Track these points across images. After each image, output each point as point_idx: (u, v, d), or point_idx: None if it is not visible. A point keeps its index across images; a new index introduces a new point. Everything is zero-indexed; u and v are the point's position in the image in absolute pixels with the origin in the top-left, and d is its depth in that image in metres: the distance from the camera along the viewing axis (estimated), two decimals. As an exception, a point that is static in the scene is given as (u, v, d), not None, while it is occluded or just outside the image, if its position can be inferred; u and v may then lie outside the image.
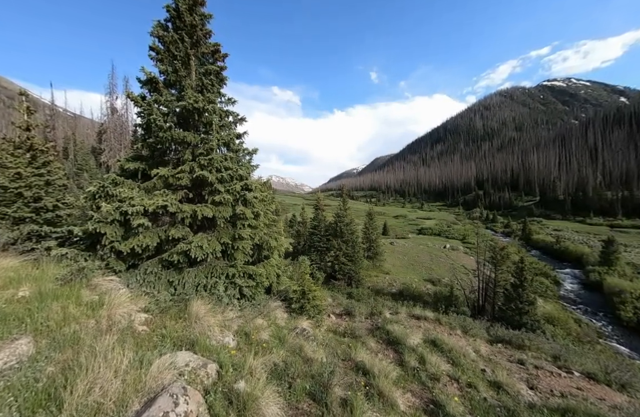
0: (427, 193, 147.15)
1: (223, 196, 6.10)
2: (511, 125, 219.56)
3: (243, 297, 5.84)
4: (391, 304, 8.92)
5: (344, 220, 20.46)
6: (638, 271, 23.64)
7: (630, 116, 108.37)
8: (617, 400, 4.84)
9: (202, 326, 3.98)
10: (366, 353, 4.73)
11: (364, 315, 7.40)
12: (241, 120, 8.03)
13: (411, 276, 22.69)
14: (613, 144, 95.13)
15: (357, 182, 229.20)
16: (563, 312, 16.47)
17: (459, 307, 14.70)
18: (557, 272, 25.85)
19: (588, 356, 7.34)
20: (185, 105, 6.34)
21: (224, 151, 7.50)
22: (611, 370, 5.95)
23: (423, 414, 3.41)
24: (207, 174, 6.04)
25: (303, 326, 5.38)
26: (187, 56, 7.11)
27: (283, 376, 3.30)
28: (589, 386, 5.39)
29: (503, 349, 6.64)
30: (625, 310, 16.60)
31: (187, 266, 5.62)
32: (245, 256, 6.33)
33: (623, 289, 18.60)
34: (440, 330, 6.98)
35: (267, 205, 7.69)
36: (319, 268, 19.24)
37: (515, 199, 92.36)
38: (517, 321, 11.64)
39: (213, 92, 7.43)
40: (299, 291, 6.32)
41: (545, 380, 5.19)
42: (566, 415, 3.81)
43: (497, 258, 14.59)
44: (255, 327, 4.55)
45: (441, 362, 4.87)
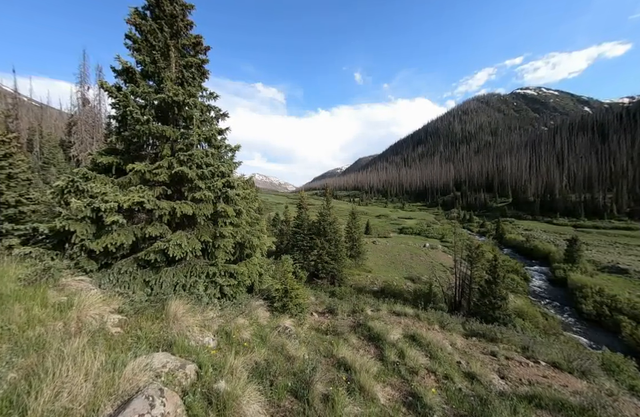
0: (408, 193, 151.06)
1: (203, 193, 5.93)
2: (487, 130, 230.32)
3: (224, 296, 5.71)
4: (373, 302, 9.09)
5: (327, 219, 20.57)
6: (598, 268, 25.65)
7: (592, 124, 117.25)
8: (578, 386, 5.22)
9: (180, 326, 3.85)
10: (348, 349, 4.79)
11: (346, 313, 7.48)
12: (223, 115, 7.84)
13: (392, 274, 23.23)
14: (577, 150, 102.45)
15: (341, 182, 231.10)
16: (532, 307, 17.54)
17: (437, 303, 15.25)
18: (527, 269, 27.48)
19: (553, 346, 7.86)
20: (164, 98, 6.09)
21: (205, 147, 7.29)
22: (573, 359, 6.41)
23: (402, 406, 3.52)
24: (186, 170, 5.85)
25: (285, 324, 5.35)
26: (167, 46, 6.83)
27: (265, 374, 3.27)
28: (553, 374, 5.77)
29: (477, 342, 6.97)
30: (586, 303, 17.98)
31: (164, 265, 5.42)
32: (227, 254, 6.20)
33: (585, 284, 20.13)
34: (419, 326, 7.20)
35: (249, 203, 7.57)
36: (302, 267, 19.22)
37: (490, 200, 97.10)
38: (491, 315, 12.26)
39: (194, 85, 7.20)
40: (281, 290, 6.28)
41: (514, 370, 5.50)
42: (532, 401, 4.07)
43: (473, 256, 15.27)
44: (236, 326, 4.47)
45: (419, 355, 5.04)
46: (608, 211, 61.19)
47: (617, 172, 76.71)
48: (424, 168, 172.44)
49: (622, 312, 16.11)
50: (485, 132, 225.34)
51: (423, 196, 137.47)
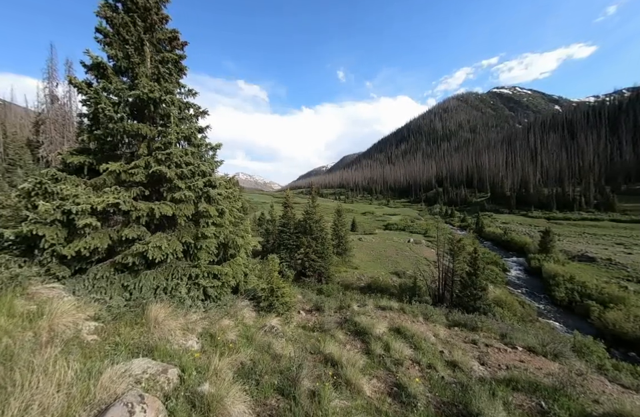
0: (392, 190, 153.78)
1: (183, 193, 5.76)
2: (466, 127, 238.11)
3: (208, 298, 5.60)
4: (359, 297, 9.23)
5: (313, 217, 20.57)
6: (569, 257, 27.27)
7: (562, 122, 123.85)
8: (551, 368, 5.56)
9: (162, 330, 3.75)
10: (334, 345, 4.85)
11: (333, 309, 7.56)
12: (203, 113, 7.64)
13: (378, 269, 23.64)
14: (549, 146, 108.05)
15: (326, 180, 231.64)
16: (510, 296, 18.41)
17: (421, 296, 15.68)
18: (505, 260, 28.80)
19: (529, 332, 8.31)
20: (138, 94, 5.85)
21: (184, 146, 7.08)
22: (547, 343, 6.82)
23: (388, 397, 3.61)
24: (165, 170, 5.66)
25: (271, 323, 5.33)
26: (140, 41, 6.54)
27: (251, 374, 3.26)
28: (529, 358, 6.11)
29: (459, 331, 7.26)
30: (559, 291, 19.09)
31: (144, 268, 5.23)
32: (210, 255, 6.07)
33: (557, 273, 21.36)
34: (404, 319, 7.40)
35: (232, 202, 7.43)
36: (289, 265, 19.16)
37: (470, 195, 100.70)
38: (472, 306, 12.76)
39: (171, 82, 6.95)
40: (267, 289, 6.23)
41: (493, 356, 5.78)
42: (510, 384, 4.30)
43: (455, 249, 15.81)
44: (221, 328, 4.40)
45: (404, 347, 5.18)
46: (577, 204, 65.06)
47: (584, 167, 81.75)
48: (407, 165, 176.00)
49: (591, 297, 17.24)
50: (464, 130, 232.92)
51: (407, 192, 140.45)
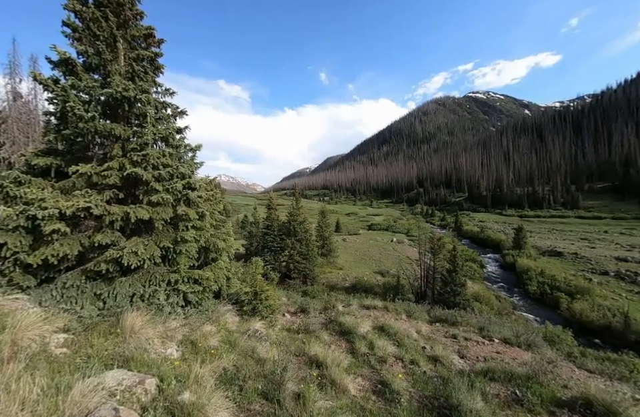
0: (375, 191, 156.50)
1: (161, 196, 5.56)
2: (445, 130, 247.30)
3: (189, 304, 5.42)
4: (344, 298, 9.30)
5: (297, 219, 20.51)
6: (540, 252, 28.95)
7: (532, 126, 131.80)
8: (525, 358, 5.87)
9: (139, 339, 3.59)
10: (319, 346, 4.86)
11: (318, 310, 7.56)
12: (182, 113, 7.44)
13: (363, 269, 23.92)
14: (520, 148, 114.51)
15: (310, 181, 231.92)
16: (487, 291, 19.26)
17: (405, 294, 16.04)
18: (482, 257, 30.08)
19: (505, 325, 8.72)
20: (111, 93, 5.59)
21: (162, 147, 6.85)
22: (521, 334, 7.19)
23: (372, 395, 3.66)
24: (140, 172, 5.44)
25: (255, 327, 5.25)
26: (113, 37, 6.27)
27: (234, 380, 3.19)
28: (505, 349, 6.42)
29: (441, 327, 7.50)
30: (531, 284, 20.20)
31: (118, 275, 4.99)
32: (190, 260, 5.90)
33: (529, 268, 22.60)
34: (388, 317, 7.54)
35: (213, 205, 7.27)
36: (273, 268, 18.95)
37: (449, 195, 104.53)
38: (452, 302, 13.23)
39: (147, 80, 6.71)
40: (250, 292, 6.14)
41: (472, 349, 6.02)
42: (487, 375, 4.50)
43: (435, 248, 16.33)
44: (203, 334, 4.28)
45: (387, 345, 5.28)
46: (546, 202, 69.30)
47: (552, 167, 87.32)
48: (389, 166, 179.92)
49: (560, 289, 18.39)
50: (442, 133, 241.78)
51: (389, 193, 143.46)
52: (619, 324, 13.35)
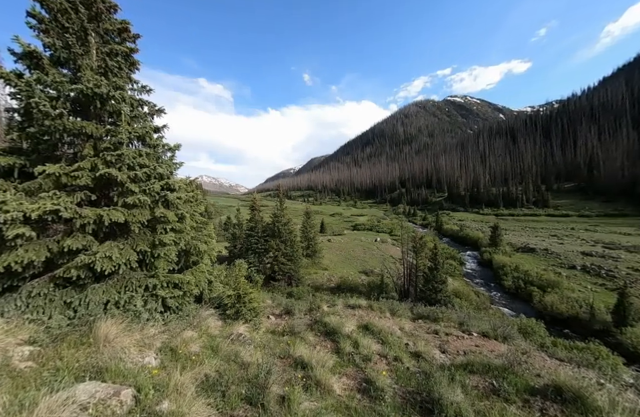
0: (359, 192, 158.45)
1: (137, 198, 5.33)
2: (425, 132, 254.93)
3: (168, 309, 5.22)
4: (329, 298, 9.32)
5: (281, 220, 20.36)
6: (514, 249, 30.47)
7: (506, 129, 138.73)
8: (501, 349, 6.14)
9: (114, 349, 3.42)
10: (305, 347, 4.83)
11: (303, 312, 7.53)
12: (159, 111, 7.17)
13: (348, 269, 24.12)
14: (495, 150, 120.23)
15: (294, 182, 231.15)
16: (466, 287, 20.03)
17: (388, 293, 16.34)
18: (462, 254, 31.25)
19: (483, 319, 9.09)
20: (82, 89, 5.30)
21: (138, 146, 6.58)
22: (497, 328, 7.52)
23: (357, 393, 3.69)
24: (115, 173, 5.19)
25: (239, 331, 5.14)
26: (84, 30, 5.95)
27: (216, 386, 3.10)
28: (483, 342, 6.68)
29: (423, 323, 7.69)
30: (507, 279, 21.22)
31: (91, 281, 4.72)
32: (169, 263, 5.68)
33: (505, 264, 23.74)
34: (372, 316, 7.64)
35: (194, 206, 7.06)
36: (257, 270, 18.68)
37: (430, 195, 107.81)
38: (434, 298, 13.63)
39: (121, 76, 6.43)
40: (233, 295, 6.00)
41: (453, 344, 6.22)
42: (467, 368, 4.66)
43: (417, 246, 16.77)
44: (183, 340, 4.14)
45: (372, 343, 5.35)
46: (520, 201, 73.17)
47: (524, 168, 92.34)
48: (373, 167, 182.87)
49: (532, 283, 19.45)
50: (423, 134, 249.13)
51: (373, 193, 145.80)
52: (585, 315, 14.32)
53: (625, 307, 12.85)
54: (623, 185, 62.06)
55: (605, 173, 69.82)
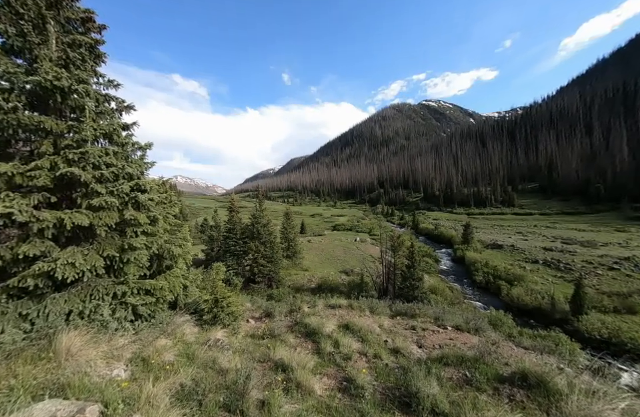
0: (339, 192, 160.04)
1: (104, 199, 5.00)
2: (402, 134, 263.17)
3: (139, 317, 4.93)
4: (310, 299, 9.31)
5: (261, 221, 20.04)
6: (484, 246, 32.26)
7: (476, 133, 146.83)
8: (474, 341, 6.47)
9: (77, 362, 3.17)
10: (285, 349, 4.79)
11: (284, 313, 7.45)
12: (128, 108, 6.78)
13: (328, 269, 24.25)
14: (467, 153, 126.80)
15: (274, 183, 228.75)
16: (442, 283, 20.89)
17: (368, 291, 16.64)
18: (437, 252, 32.57)
19: (456, 313, 9.52)
20: (39, 81, 4.88)
21: (105, 144, 6.18)
22: (469, 321, 7.92)
23: (338, 392, 3.72)
24: (78, 172, 4.83)
25: (216, 336, 4.98)
26: (42, 17, 5.49)
27: (192, 395, 2.98)
28: (457, 335, 7.00)
29: (401, 320, 7.92)
30: (477, 275, 22.42)
31: (51, 290, 4.35)
32: (141, 269, 5.38)
33: (476, 260, 25.08)
34: (352, 314, 7.73)
35: (167, 208, 6.75)
36: (236, 273, 18.24)
37: (407, 196, 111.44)
38: (411, 295, 14.08)
39: (85, 69, 6.00)
40: (210, 300, 5.80)
41: (429, 338, 6.46)
42: (442, 361, 4.86)
43: (395, 245, 17.24)
44: (156, 349, 3.93)
45: (352, 342, 5.41)
46: (489, 201, 77.74)
47: (492, 170, 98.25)
48: (352, 168, 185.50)
49: (501, 278, 20.71)
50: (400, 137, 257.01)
51: (353, 194, 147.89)
52: (547, 305, 15.49)
53: (580, 297, 14.06)
54: (577, 186, 68.09)
55: (562, 175, 76.20)
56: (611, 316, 13.94)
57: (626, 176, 60.08)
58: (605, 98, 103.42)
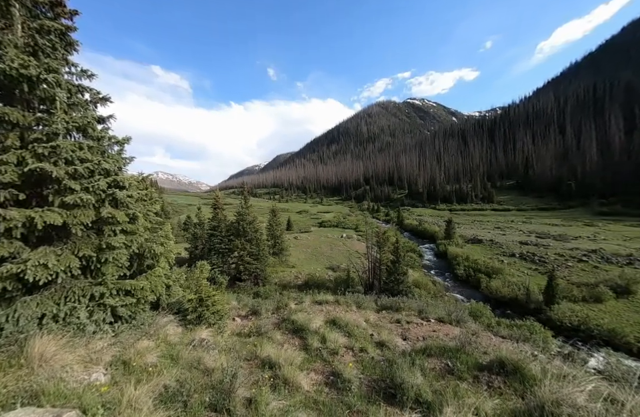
0: (325, 189, 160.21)
1: (79, 197, 4.75)
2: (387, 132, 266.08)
3: (119, 319, 4.75)
4: (297, 295, 9.33)
5: (246, 218, 19.74)
6: (465, 241, 33.45)
7: (458, 131, 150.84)
8: (455, 332, 6.73)
9: (52, 368, 3.02)
10: (272, 347, 4.78)
11: (270, 311, 7.43)
12: (104, 99, 6.43)
13: (315, 266, 24.35)
14: (449, 151, 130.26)
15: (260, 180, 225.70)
16: (425, 277, 21.52)
17: (355, 287, 16.88)
18: (420, 247, 33.44)
19: (439, 306, 9.85)
20: (4, 69, 4.53)
21: (79, 138, 5.84)
22: (451, 313, 8.22)
23: (325, 387, 3.77)
24: (48, 167, 4.55)
25: (201, 336, 4.89)
26: (5, 0, 5.08)
27: (176, 396, 2.92)
28: (440, 327, 7.26)
29: (386, 314, 8.10)
30: (459, 268, 23.26)
31: (21, 293, 4.10)
32: (120, 269, 5.17)
33: (457, 254, 25.99)
34: (339, 310, 7.83)
35: (148, 205, 6.51)
36: (221, 271, 17.93)
37: (392, 192, 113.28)
38: (396, 290, 14.41)
39: (56, 58, 5.63)
40: (195, 299, 5.68)
41: (413, 331, 6.66)
42: (425, 352, 5.03)
43: (381, 241, 17.53)
44: (138, 351, 3.81)
45: (339, 337, 5.49)
46: (470, 197, 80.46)
47: (473, 167, 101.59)
48: (338, 164, 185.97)
49: (480, 271, 21.60)
50: (386, 134, 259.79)
51: (339, 190, 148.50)
52: (523, 296, 16.33)
53: (552, 288, 14.93)
54: (551, 183, 71.80)
55: (538, 172, 79.98)
56: (580, 305, 14.91)
57: (594, 175, 64.00)
58: (577, 100, 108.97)
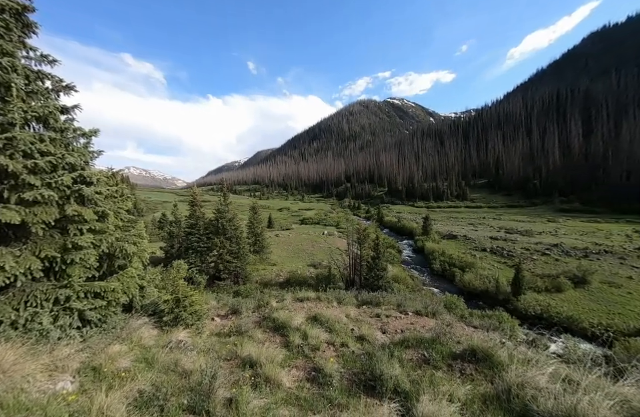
0: (307, 186, 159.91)
1: (39, 193, 4.38)
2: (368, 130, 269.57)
3: (88, 323, 4.46)
4: (278, 293, 9.28)
5: (226, 215, 19.26)
6: (441, 236, 34.91)
7: (435, 132, 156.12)
8: (431, 324, 7.04)
9: (11, 379, 2.79)
10: (253, 345, 4.73)
11: (251, 309, 7.34)
12: (68, 88, 5.93)
13: (296, 263, 24.32)
14: (427, 150, 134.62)
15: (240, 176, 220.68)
16: (404, 272, 22.23)
17: (336, 283, 17.09)
18: (399, 243, 34.45)
19: (417, 299, 10.23)
20: (-57, 51, 4.05)
21: (39, 130, 5.37)
22: (428, 305, 8.57)
23: (306, 383, 3.80)
24: (3, 161, 4.16)
25: (178, 338, 4.74)
26: (-60, -30, 4.51)
27: (152, 401, 2.81)
28: (417, 319, 7.55)
29: (367, 309, 8.29)
30: (435, 263, 24.27)
31: (-28, 299, 3.73)
32: (88, 270, 4.85)
33: (434, 250, 27.09)
34: (320, 306, 7.90)
35: (118, 202, 6.14)
36: (200, 270, 17.42)
37: (372, 190, 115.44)
38: (376, 285, 14.77)
39: (11, 40, 5.10)
40: (171, 300, 5.46)
41: (392, 324, 6.87)
42: (403, 344, 5.21)
43: (361, 238, 17.83)
44: (109, 356, 3.61)
45: (320, 333, 5.54)
46: (446, 195, 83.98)
47: (449, 166, 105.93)
48: (320, 162, 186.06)
49: (455, 265, 22.68)
50: (366, 132, 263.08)
51: (320, 188, 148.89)
52: (493, 288, 17.38)
53: (519, 280, 16.03)
54: (519, 182, 76.66)
55: (507, 172, 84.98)
56: (543, 295, 16.13)
57: (557, 174, 69.16)
58: (542, 105, 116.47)
